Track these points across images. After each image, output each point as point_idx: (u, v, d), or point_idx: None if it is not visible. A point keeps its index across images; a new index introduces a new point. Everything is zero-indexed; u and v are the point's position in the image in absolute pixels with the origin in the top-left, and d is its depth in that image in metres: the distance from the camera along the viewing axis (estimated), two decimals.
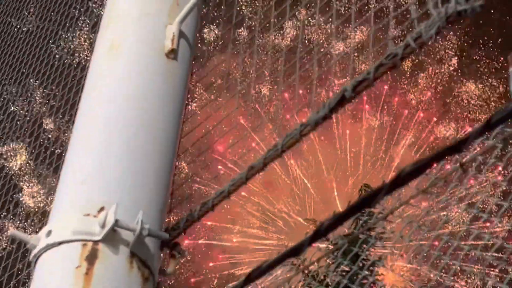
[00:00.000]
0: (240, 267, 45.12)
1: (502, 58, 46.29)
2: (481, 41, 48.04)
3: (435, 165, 2.65)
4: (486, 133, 2.65)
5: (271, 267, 2.83)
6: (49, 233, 2.82)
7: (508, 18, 47.45)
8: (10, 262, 5.32)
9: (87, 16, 6.38)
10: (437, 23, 2.59)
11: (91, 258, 2.72)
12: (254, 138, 35.47)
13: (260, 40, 4.13)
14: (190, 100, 3.50)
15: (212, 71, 4.12)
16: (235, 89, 3.94)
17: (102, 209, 2.80)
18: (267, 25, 3.99)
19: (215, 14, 4.15)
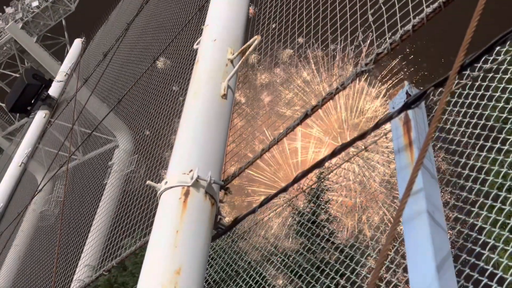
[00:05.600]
0: None
1: None
2: None
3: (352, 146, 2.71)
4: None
5: (274, 196, 2.88)
6: (166, 182, 2.84)
7: None
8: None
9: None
10: (351, 77, 2.67)
11: (186, 194, 2.74)
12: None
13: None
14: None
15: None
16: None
17: (191, 170, 2.81)
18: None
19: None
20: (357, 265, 3.85)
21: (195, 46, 3.99)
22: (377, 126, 2.47)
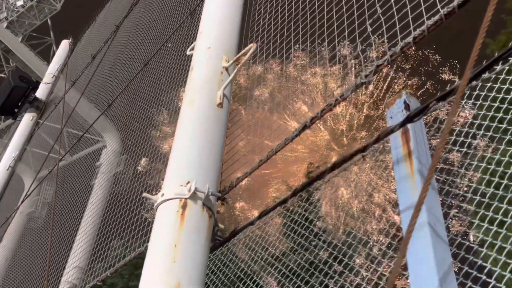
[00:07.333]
0: None
1: None
2: None
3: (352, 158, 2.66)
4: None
5: (273, 208, 2.82)
6: (162, 195, 2.76)
7: None
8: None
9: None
10: (351, 89, 2.62)
11: (184, 206, 2.66)
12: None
13: None
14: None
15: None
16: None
17: (188, 182, 2.73)
18: None
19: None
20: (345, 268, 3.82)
21: (188, 52, 3.90)
22: (378, 139, 2.42)
